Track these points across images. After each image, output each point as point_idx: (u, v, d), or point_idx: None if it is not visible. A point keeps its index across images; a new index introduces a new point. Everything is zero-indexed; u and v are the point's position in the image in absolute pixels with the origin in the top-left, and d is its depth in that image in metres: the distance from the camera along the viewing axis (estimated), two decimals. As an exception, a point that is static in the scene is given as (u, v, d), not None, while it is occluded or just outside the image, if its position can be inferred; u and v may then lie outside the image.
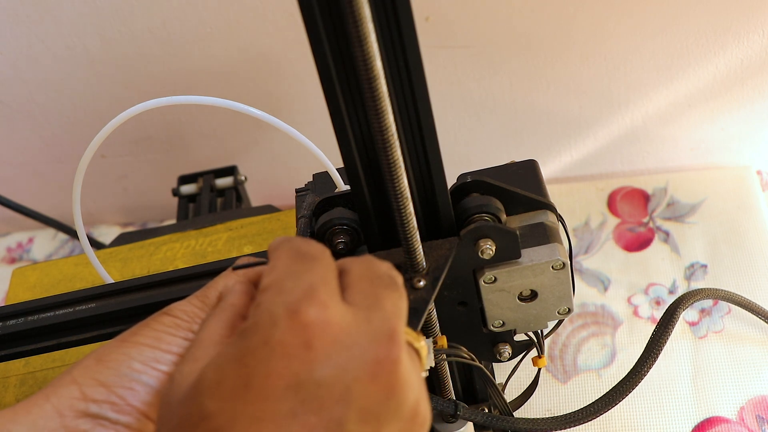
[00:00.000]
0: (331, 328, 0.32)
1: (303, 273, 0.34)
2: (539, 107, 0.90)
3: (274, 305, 0.32)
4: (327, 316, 0.32)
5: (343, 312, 0.33)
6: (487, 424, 0.54)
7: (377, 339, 0.32)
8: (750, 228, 0.87)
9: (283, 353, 0.31)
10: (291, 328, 0.31)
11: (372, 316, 0.33)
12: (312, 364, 0.31)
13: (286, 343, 0.31)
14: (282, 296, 0.33)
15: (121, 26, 0.86)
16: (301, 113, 0.93)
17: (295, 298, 0.32)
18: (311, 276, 0.34)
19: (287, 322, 0.32)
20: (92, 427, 0.36)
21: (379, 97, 0.35)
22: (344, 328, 0.32)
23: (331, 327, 0.32)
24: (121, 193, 1.06)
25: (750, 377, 0.75)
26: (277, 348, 0.31)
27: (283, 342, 0.31)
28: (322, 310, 0.32)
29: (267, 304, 0.33)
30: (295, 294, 0.33)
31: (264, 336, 0.32)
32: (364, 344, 0.32)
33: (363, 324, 0.33)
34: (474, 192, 0.48)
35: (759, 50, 0.82)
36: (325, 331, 0.32)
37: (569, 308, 0.51)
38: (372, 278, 0.35)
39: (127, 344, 0.38)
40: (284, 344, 0.31)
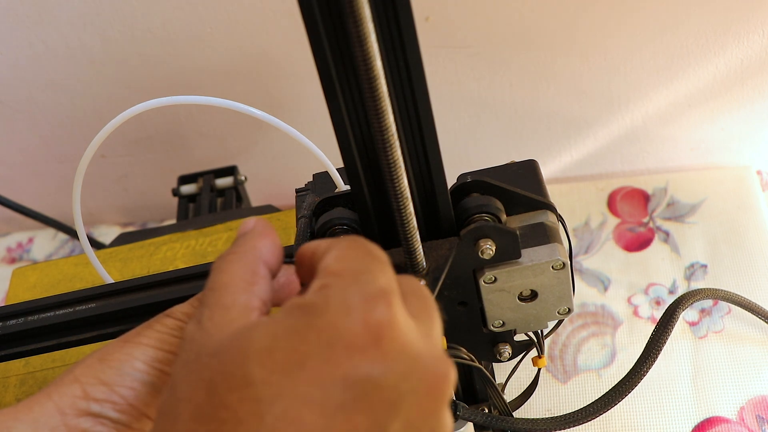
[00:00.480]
0: (401, 333, 0.31)
1: (377, 272, 0.33)
2: (539, 107, 0.90)
3: (350, 293, 0.31)
4: (399, 320, 0.31)
5: (410, 322, 0.32)
6: (487, 424, 0.54)
7: (438, 356, 0.32)
8: (750, 228, 0.87)
9: (350, 343, 0.30)
10: (364, 322, 0.31)
11: (431, 333, 0.33)
12: (375, 363, 0.30)
13: (356, 334, 0.30)
14: (359, 287, 0.32)
15: (121, 26, 0.86)
16: (301, 113, 0.93)
17: (373, 293, 0.32)
18: (385, 277, 0.33)
19: (362, 314, 0.31)
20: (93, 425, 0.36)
21: (379, 97, 0.35)
22: (410, 337, 0.32)
23: (401, 332, 0.31)
24: (121, 193, 1.06)
25: (750, 377, 0.75)
26: (347, 336, 0.30)
27: (354, 332, 0.30)
28: (395, 313, 0.31)
29: (340, 290, 0.32)
30: (372, 290, 0.32)
31: (333, 320, 0.31)
32: (427, 358, 0.32)
33: (425, 338, 0.33)
34: (474, 192, 0.48)
35: (759, 50, 0.82)
36: (395, 335, 0.31)
37: (569, 308, 0.51)
38: (423, 296, 0.35)
39: (129, 344, 0.38)
40: (354, 335, 0.30)
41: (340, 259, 0.34)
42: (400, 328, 0.31)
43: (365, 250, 0.35)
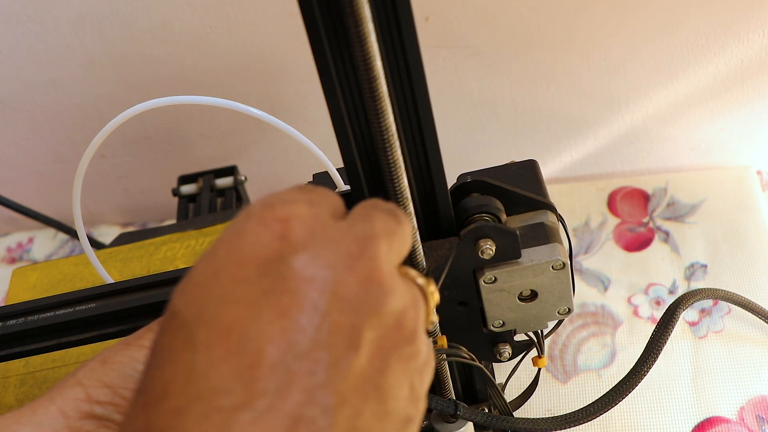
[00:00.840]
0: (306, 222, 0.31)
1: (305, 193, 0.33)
2: (539, 107, 0.90)
3: (251, 207, 0.32)
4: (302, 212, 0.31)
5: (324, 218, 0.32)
6: (487, 424, 0.54)
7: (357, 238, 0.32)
8: (750, 228, 0.87)
9: (255, 240, 0.30)
10: (263, 220, 0.30)
11: (356, 225, 0.32)
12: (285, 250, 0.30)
13: (258, 232, 0.30)
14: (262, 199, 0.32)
15: (121, 26, 0.86)
16: (301, 113, 0.93)
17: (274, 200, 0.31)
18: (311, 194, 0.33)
19: (260, 213, 0.31)
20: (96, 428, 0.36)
21: (379, 97, 0.35)
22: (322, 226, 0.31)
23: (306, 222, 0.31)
24: (121, 193, 1.06)
25: (750, 377, 0.75)
26: (249, 235, 0.30)
27: (256, 231, 0.30)
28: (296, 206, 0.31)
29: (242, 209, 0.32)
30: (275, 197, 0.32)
31: (237, 229, 0.31)
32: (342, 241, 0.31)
33: (345, 229, 0.32)
34: (474, 192, 0.48)
35: (759, 50, 0.82)
36: (300, 225, 0.31)
37: (569, 308, 0.51)
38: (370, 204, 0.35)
39: (131, 347, 0.38)
40: (257, 233, 0.30)
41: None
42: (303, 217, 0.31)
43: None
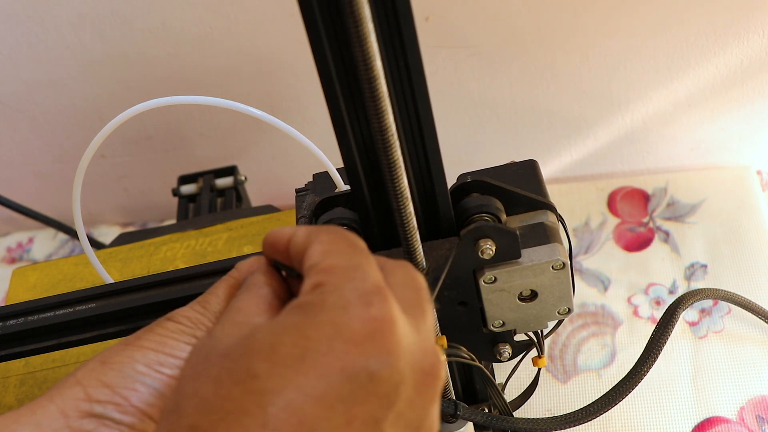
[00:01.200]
0: (396, 328, 0.32)
1: (367, 267, 0.34)
2: (539, 107, 0.90)
3: (345, 290, 0.33)
4: (394, 315, 0.32)
5: (403, 316, 0.33)
6: (487, 424, 0.54)
7: (428, 351, 0.34)
8: (750, 228, 0.87)
9: (348, 338, 0.31)
10: (361, 317, 0.32)
11: (420, 327, 0.34)
12: (373, 357, 0.31)
13: (353, 329, 0.31)
14: (353, 283, 0.33)
15: (121, 26, 0.86)
16: (301, 113, 0.93)
17: (368, 290, 0.33)
18: (375, 273, 0.34)
19: (359, 309, 0.32)
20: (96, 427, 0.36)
21: (379, 97, 0.35)
22: (404, 331, 0.33)
23: (396, 327, 0.32)
24: (121, 193, 1.06)
25: (750, 377, 0.75)
26: (344, 331, 0.31)
27: (351, 327, 0.32)
28: (391, 308, 0.33)
29: (335, 287, 0.33)
30: (366, 285, 0.33)
31: (332, 316, 0.32)
32: (418, 354, 0.33)
33: (415, 333, 0.34)
34: (474, 192, 0.48)
35: (759, 50, 0.82)
36: (390, 329, 0.32)
37: (569, 308, 0.51)
38: (416, 288, 0.36)
39: (131, 347, 0.38)
40: (352, 330, 0.31)
41: (327, 254, 0.35)
42: (395, 322, 0.32)
43: (348, 243, 0.36)
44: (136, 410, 0.37)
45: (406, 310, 0.34)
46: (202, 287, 0.49)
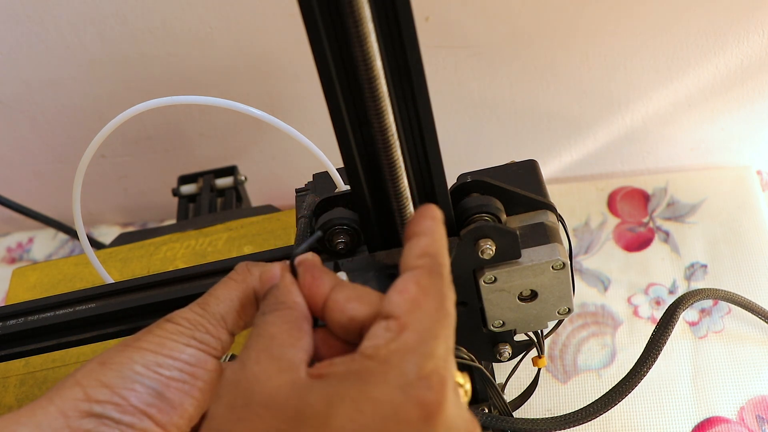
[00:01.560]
0: (447, 410, 0.33)
1: (441, 339, 0.34)
2: (539, 107, 0.90)
3: (410, 364, 0.33)
4: (447, 400, 0.33)
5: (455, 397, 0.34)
6: (487, 424, 0.54)
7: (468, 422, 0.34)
8: (750, 228, 0.87)
9: (403, 419, 0.32)
10: (417, 400, 0.32)
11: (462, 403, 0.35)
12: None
13: (408, 411, 0.32)
14: (419, 359, 0.33)
15: (121, 26, 0.86)
16: (301, 113, 0.93)
17: (429, 369, 0.33)
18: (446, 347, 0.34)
19: (416, 392, 0.32)
20: (96, 426, 0.36)
21: (379, 97, 0.35)
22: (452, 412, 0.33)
23: (447, 410, 0.33)
24: (121, 193, 1.06)
25: (750, 377, 0.75)
26: (400, 412, 0.32)
27: (406, 410, 0.32)
28: (447, 391, 0.33)
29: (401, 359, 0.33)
30: (430, 364, 0.33)
31: (389, 393, 0.32)
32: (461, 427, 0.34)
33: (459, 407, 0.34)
34: (474, 192, 0.48)
35: (759, 50, 0.82)
36: (442, 413, 0.32)
37: (569, 308, 0.51)
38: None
39: (130, 349, 0.38)
40: (406, 412, 0.32)
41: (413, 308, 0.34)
42: (447, 406, 0.33)
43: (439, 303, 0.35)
44: (136, 410, 0.37)
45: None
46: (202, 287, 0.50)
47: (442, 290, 0.35)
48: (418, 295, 0.35)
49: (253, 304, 0.41)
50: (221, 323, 0.40)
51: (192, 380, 0.38)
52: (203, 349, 0.39)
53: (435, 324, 0.34)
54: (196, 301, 0.41)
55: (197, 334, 0.39)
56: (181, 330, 0.39)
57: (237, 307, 0.41)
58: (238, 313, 0.41)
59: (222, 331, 0.40)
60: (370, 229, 0.47)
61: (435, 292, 0.35)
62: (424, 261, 0.36)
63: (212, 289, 0.41)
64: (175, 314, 0.40)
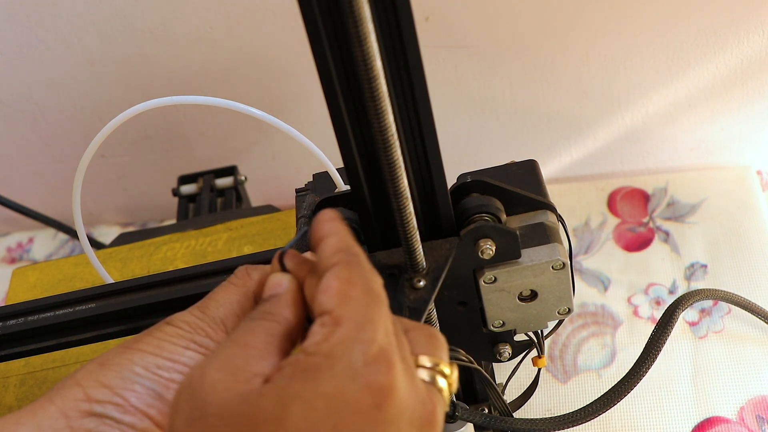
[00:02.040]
0: (398, 393, 0.33)
1: (378, 322, 0.34)
2: (539, 107, 0.90)
3: (354, 353, 0.33)
4: (396, 381, 0.33)
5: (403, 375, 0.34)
6: (487, 424, 0.54)
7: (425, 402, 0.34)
8: (750, 228, 0.87)
9: (355, 408, 0.32)
10: (367, 386, 0.32)
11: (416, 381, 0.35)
12: (376, 425, 0.32)
13: (359, 399, 0.32)
14: (362, 345, 0.33)
15: (121, 26, 0.86)
16: (301, 113, 0.93)
17: (374, 354, 0.33)
18: (385, 328, 0.34)
19: (365, 377, 0.32)
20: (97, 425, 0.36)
21: (379, 97, 0.35)
22: (404, 393, 0.33)
23: (398, 392, 0.33)
24: (121, 193, 1.06)
25: (750, 377, 0.75)
26: (351, 401, 0.32)
27: (358, 398, 0.32)
28: (395, 372, 0.33)
29: (344, 350, 0.33)
30: (374, 349, 0.33)
31: (339, 385, 0.32)
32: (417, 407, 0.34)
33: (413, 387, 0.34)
34: (474, 192, 0.48)
35: (759, 50, 0.82)
36: (393, 395, 0.33)
37: (569, 308, 0.51)
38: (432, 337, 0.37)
39: (130, 350, 0.38)
40: (358, 400, 0.32)
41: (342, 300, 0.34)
42: (397, 388, 0.33)
43: (366, 289, 0.35)
44: (136, 410, 0.37)
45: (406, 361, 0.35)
46: (202, 287, 0.50)
47: (364, 276, 0.36)
48: (342, 287, 0.35)
49: (253, 307, 0.41)
50: (221, 327, 0.40)
51: None
52: (203, 352, 0.39)
53: (367, 309, 0.34)
54: (196, 305, 0.41)
55: (197, 337, 0.39)
56: (180, 333, 0.39)
57: (237, 311, 0.41)
58: (238, 317, 0.41)
59: (222, 335, 0.40)
60: (370, 229, 0.47)
61: (358, 279, 0.35)
62: (338, 257, 0.36)
63: (212, 293, 0.41)
64: (175, 317, 0.40)
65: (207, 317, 0.40)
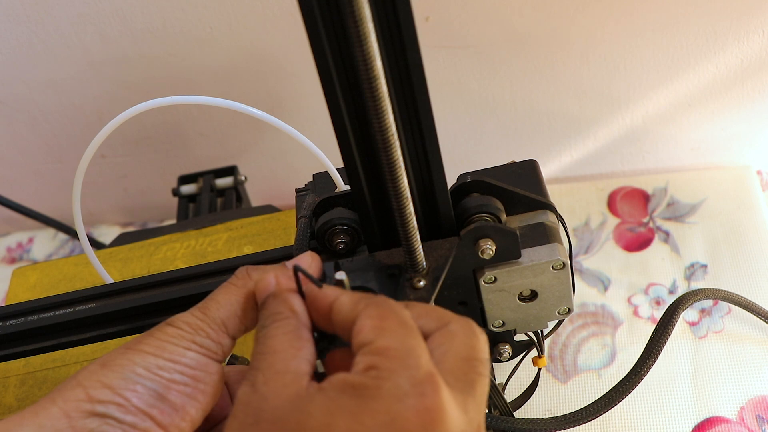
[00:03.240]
0: (446, 417, 0.33)
1: (418, 350, 0.35)
2: (539, 107, 0.90)
3: (401, 378, 0.34)
4: (444, 405, 0.33)
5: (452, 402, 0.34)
6: (487, 424, 0.54)
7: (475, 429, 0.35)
8: (750, 228, 0.87)
9: (402, 427, 0.32)
10: (415, 408, 0.33)
11: (469, 406, 0.35)
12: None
13: (407, 419, 0.33)
14: (408, 371, 0.34)
15: (121, 26, 0.86)
16: (301, 113, 0.93)
17: (420, 378, 0.34)
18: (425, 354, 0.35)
19: (413, 400, 0.33)
20: (99, 425, 0.37)
21: (379, 97, 0.35)
22: (453, 418, 0.34)
23: (446, 416, 0.33)
24: (121, 193, 1.06)
25: (750, 377, 0.75)
26: (399, 421, 0.32)
27: (405, 417, 0.33)
28: (441, 397, 0.34)
29: (391, 373, 0.34)
30: (420, 374, 0.34)
31: (387, 405, 0.33)
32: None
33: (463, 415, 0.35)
34: (474, 192, 0.48)
35: (759, 50, 0.82)
36: (441, 419, 0.33)
37: (569, 308, 0.51)
38: (471, 360, 0.37)
39: (131, 351, 0.39)
40: (406, 420, 0.33)
41: (380, 333, 0.36)
42: (445, 412, 0.33)
43: (399, 321, 0.36)
44: (138, 410, 0.37)
45: (455, 386, 0.35)
46: (202, 287, 0.50)
47: (395, 310, 0.37)
48: (376, 323, 0.36)
49: (254, 308, 0.41)
50: (222, 328, 0.40)
51: (193, 383, 0.39)
52: (204, 353, 0.39)
53: (406, 338, 0.35)
54: (197, 306, 0.41)
55: (198, 338, 0.40)
56: (181, 334, 0.39)
57: (238, 312, 0.41)
58: (239, 318, 0.41)
59: (223, 336, 0.40)
60: (370, 229, 0.47)
61: (390, 314, 0.37)
62: (362, 304, 0.37)
63: (213, 294, 0.42)
64: (176, 318, 0.40)
65: (208, 318, 0.40)
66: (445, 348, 0.37)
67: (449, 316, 0.38)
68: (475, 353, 0.37)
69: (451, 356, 0.36)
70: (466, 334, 0.37)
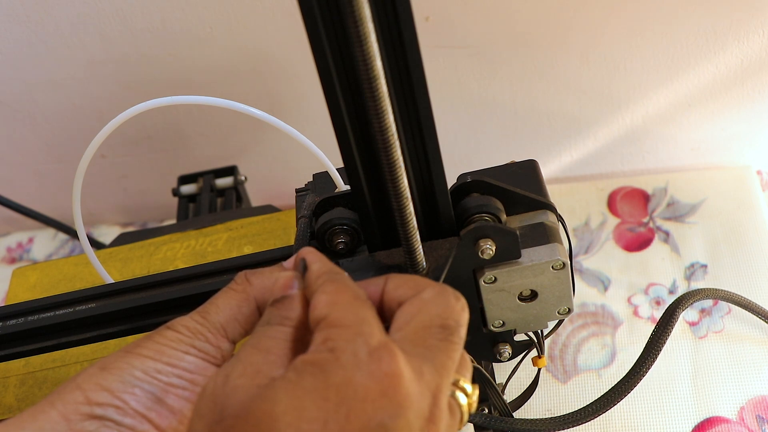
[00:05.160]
0: (403, 381, 0.34)
1: (371, 320, 0.36)
2: (539, 107, 0.90)
3: (357, 346, 0.34)
4: (401, 369, 0.34)
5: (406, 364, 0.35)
6: (487, 424, 0.54)
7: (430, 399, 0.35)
8: (750, 228, 0.87)
9: (364, 396, 0.33)
10: (373, 374, 0.33)
11: (423, 370, 0.35)
12: (386, 411, 0.33)
13: (367, 387, 0.33)
14: (363, 338, 0.34)
15: (121, 26, 0.86)
16: (301, 113, 0.93)
17: (375, 344, 0.34)
18: (377, 324, 0.36)
19: (370, 366, 0.33)
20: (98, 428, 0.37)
21: (379, 97, 0.35)
22: (410, 383, 0.34)
23: (403, 380, 0.34)
24: (121, 193, 1.06)
25: (750, 377, 0.75)
26: (360, 389, 0.33)
27: (366, 386, 0.33)
28: (397, 362, 0.34)
29: (347, 343, 0.34)
30: (374, 340, 0.34)
31: (347, 375, 0.33)
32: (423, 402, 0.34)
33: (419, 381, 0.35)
34: (474, 192, 0.48)
35: (759, 50, 0.82)
36: (399, 383, 0.33)
37: (569, 308, 0.51)
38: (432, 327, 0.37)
39: (130, 355, 0.39)
40: (366, 388, 0.33)
41: (334, 307, 0.36)
42: (403, 376, 0.34)
43: (352, 294, 0.37)
44: (136, 413, 0.37)
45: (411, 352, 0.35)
46: (202, 287, 0.50)
47: (348, 286, 0.37)
48: (331, 297, 0.37)
49: (254, 312, 0.41)
50: (221, 332, 0.40)
51: (192, 387, 0.39)
52: (203, 357, 0.39)
53: (359, 310, 0.36)
54: (197, 310, 0.41)
55: (197, 342, 0.40)
56: (180, 338, 0.39)
57: (238, 316, 0.41)
58: (238, 322, 0.41)
59: (222, 340, 0.40)
60: (370, 229, 0.47)
61: (344, 288, 0.37)
62: (323, 278, 0.38)
63: (213, 298, 0.42)
64: (176, 322, 0.40)
65: (207, 322, 0.40)
66: (410, 316, 0.37)
67: (424, 284, 0.39)
68: (440, 321, 0.37)
69: (413, 324, 0.37)
70: (436, 302, 0.38)
